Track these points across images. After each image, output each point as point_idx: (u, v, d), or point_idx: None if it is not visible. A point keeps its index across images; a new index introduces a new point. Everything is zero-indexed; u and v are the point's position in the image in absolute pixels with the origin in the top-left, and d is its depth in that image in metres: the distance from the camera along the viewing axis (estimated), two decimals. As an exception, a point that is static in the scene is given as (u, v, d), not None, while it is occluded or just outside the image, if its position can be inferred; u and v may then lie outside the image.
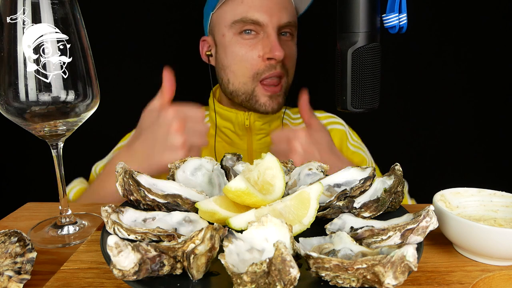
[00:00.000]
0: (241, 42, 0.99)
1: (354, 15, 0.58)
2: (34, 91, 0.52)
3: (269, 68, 0.99)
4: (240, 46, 0.99)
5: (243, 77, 1.00)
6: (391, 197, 0.56)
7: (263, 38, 0.99)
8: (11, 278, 0.45)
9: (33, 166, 1.30)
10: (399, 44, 1.12)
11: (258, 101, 1.01)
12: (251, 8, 0.97)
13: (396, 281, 0.37)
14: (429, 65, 1.26)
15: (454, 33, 1.24)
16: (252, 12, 0.97)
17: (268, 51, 0.97)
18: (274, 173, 0.58)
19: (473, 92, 1.27)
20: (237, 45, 1.00)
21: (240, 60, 1.00)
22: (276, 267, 0.36)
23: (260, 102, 1.01)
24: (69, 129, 0.57)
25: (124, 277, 0.39)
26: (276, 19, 0.98)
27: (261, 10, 0.97)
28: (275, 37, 0.97)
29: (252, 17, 0.97)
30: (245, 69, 1.00)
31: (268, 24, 0.97)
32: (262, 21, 0.97)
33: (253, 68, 0.99)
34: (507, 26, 1.21)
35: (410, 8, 0.59)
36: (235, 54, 1.00)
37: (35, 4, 0.51)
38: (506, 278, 0.43)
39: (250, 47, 0.99)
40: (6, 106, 0.53)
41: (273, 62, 0.98)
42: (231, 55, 1.01)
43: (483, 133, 1.29)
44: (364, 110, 0.61)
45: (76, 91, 0.55)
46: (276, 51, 0.96)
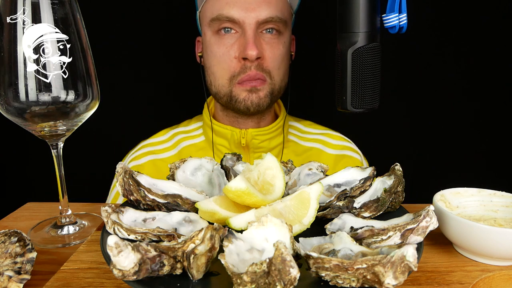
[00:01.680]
0: (219, 42, 0.92)
1: (354, 15, 0.58)
2: (34, 91, 0.52)
3: (244, 69, 0.91)
4: (218, 46, 0.92)
5: (221, 79, 0.93)
6: (391, 197, 0.56)
7: (240, 36, 0.91)
8: (11, 278, 0.45)
9: (33, 166, 1.30)
10: (399, 44, 1.12)
11: (238, 98, 0.93)
12: (227, 4, 0.90)
13: (396, 281, 0.37)
14: (429, 65, 1.26)
15: (454, 33, 1.24)
16: (228, 8, 0.89)
17: (243, 50, 0.89)
18: (274, 173, 0.58)
19: (473, 92, 1.27)
20: (215, 45, 0.93)
21: (218, 61, 0.93)
22: (276, 267, 0.36)
23: (240, 98, 0.92)
24: (69, 129, 0.57)
25: (124, 277, 0.39)
26: (253, 15, 0.89)
27: (237, 5, 0.89)
28: (250, 35, 0.89)
29: (227, 14, 0.89)
30: (222, 70, 0.93)
31: (244, 21, 0.89)
32: (238, 17, 0.89)
33: (230, 70, 0.92)
34: (507, 26, 1.21)
35: (410, 8, 0.59)
36: (213, 54, 0.93)
37: (35, 4, 0.51)
38: (506, 278, 0.43)
39: (227, 47, 0.91)
40: (6, 106, 0.53)
41: (247, 62, 0.90)
42: (210, 55, 0.94)
43: (483, 133, 1.29)
44: (364, 110, 0.61)
45: (76, 91, 0.55)
46: (248, 50, 0.87)
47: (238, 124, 1.00)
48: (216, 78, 0.95)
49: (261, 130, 0.98)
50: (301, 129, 1.09)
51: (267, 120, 1.03)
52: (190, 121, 1.09)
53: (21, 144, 1.27)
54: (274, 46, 0.93)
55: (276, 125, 1.00)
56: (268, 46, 0.92)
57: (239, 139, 0.97)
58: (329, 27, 0.82)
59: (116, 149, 1.10)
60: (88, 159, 1.25)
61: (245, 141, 0.97)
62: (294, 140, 1.06)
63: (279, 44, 0.94)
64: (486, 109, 1.28)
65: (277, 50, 0.93)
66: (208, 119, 1.01)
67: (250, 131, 0.97)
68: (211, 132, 1.00)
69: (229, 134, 0.98)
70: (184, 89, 1.28)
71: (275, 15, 0.91)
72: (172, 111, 1.29)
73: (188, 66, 1.16)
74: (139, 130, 1.12)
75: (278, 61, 0.94)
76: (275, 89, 0.95)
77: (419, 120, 1.30)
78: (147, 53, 1.26)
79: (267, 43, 0.92)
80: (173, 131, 1.07)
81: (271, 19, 0.90)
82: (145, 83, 1.28)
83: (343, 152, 1.05)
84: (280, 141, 1.02)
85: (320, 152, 1.04)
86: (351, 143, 1.09)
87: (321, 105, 1.25)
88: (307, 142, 1.06)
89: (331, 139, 1.07)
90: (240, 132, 0.97)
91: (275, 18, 0.91)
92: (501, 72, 1.24)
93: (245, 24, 0.89)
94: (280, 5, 0.93)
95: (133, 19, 1.23)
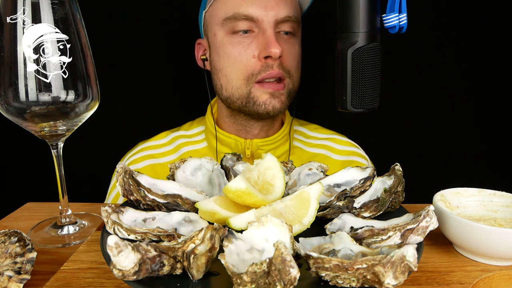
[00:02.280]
0: (234, 42, 0.88)
1: (354, 15, 0.58)
2: (34, 91, 0.52)
3: (265, 68, 0.87)
4: (233, 46, 0.88)
5: (236, 81, 0.88)
6: (391, 197, 0.56)
7: (258, 35, 0.87)
8: (11, 278, 0.45)
9: (33, 166, 1.30)
10: (399, 44, 1.12)
11: (257, 101, 0.88)
12: (244, 2, 0.86)
13: (396, 281, 0.37)
14: (429, 65, 1.26)
15: (454, 33, 1.24)
16: (245, 6, 0.86)
17: (263, 49, 0.86)
18: (274, 173, 0.58)
19: (473, 92, 1.27)
20: (229, 45, 0.88)
21: (233, 61, 0.88)
22: (276, 267, 0.36)
23: (260, 101, 0.88)
24: (69, 129, 0.57)
25: (124, 277, 0.39)
26: (272, 13, 0.86)
27: (255, 3, 0.86)
28: (271, 32, 0.86)
29: (245, 12, 0.86)
30: (238, 71, 0.88)
31: (263, 19, 0.86)
32: (256, 16, 0.85)
33: (247, 70, 0.87)
34: (507, 26, 1.21)
35: (410, 8, 0.59)
36: (227, 55, 0.89)
37: (35, 4, 0.51)
38: (506, 278, 0.43)
39: (244, 47, 0.87)
40: (6, 106, 0.53)
41: (270, 60, 0.86)
42: (223, 56, 0.89)
43: (483, 133, 1.29)
44: (364, 110, 0.61)
45: (76, 91, 0.55)
46: (271, 47, 0.84)
47: (244, 132, 0.97)
48: (229, 80, 0.90)
49: (266, 140, 0.95)
50: (307, 134, 1.07)
51: (275, 127, 1.00)
52: (192, 124, 1.05)
53: (21, 144, 1.27)
54: (291, 46, 0.91)
55: (281, 134, 0.98)
56: (286, 45, 0.89)
57: (243, 150, 0.95)
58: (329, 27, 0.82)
59: (116, 149, 1.10)
60: (88, 159, 1.25)
61: (250, 152, 0.95)
62: (299, 146, 1.03)
63: (295, 44, 0.92)
64: (486, 109, 1.28)
65: (294, 50, 0.92)
66: (211, 127, 0.97)
67: (255, 142, 0.95)
68: (214, 140, 0.97)
69: (233, 144, 0.95)
70: (184, 89, 1.28)
71: (292, 14, 0.89)
72: (172, 111, 1.29)
73: (188, 66, 1.16)
74: (139, 130, 1.12)
75: (296, 61, 0.92)
76: (293, 90, 0.93)
77: (419, 120, 1.30)
78: (147, 53, 1.26)
79: (284, 42, 0.89)
80: (174, 134, 1.04)
81: (288, 18, 0.88)
82: (145, 83, 1.28)
83: (350, 158, 1.02)
84: (286, 148, 1.00)
85: (326, 158, 1.01)
86: (359, 148, 1.06)
87: (321, 105, 1.25)
88: (312, 148, 1.03)
89: (338, 144, 1.04)
90: (245, 142, 0.95)
91: (292, 17, 0.89)
92: (501, 72, 1.24)
93: (264, 23, 0.86)
94: (295, 5, 0.92)
95: (133, 19, 1.23)
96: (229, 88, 0.90)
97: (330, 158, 1.02)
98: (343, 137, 1.07)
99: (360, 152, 1.05)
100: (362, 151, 1.06)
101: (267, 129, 0.98)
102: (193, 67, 1.08)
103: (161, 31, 1.26)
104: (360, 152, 1.05)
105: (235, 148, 0.96)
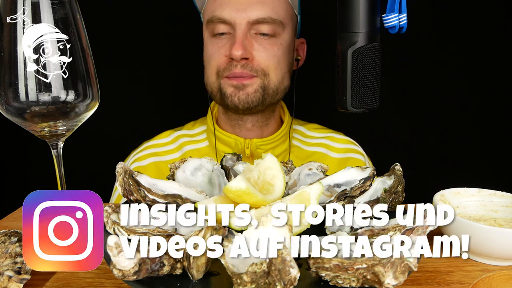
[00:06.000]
0: (213, 42, 0.94)
1: (354, 15, 0.58)
2: (34, 91, 0.52)
3: (229, 66, 0.91)
4: (212, 46, 0.94)
5: (211, 76, 0.94)
6: (391, 197, 0.56)
7: (232, 37, 0.91)
8: (11, 278, 0.45)
9: (33, 166, 1.30)
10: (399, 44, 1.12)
11: (225, 93, 0.92)
12: (220, 5, 0.90)
13: (396, 281, 0.37)
14: (429, 65, 1.26)
15: (454, 33, 1.24)
16: (220, 9, 0.90)
17: (228, 49, 0.90)
18: (274, 173, 0.58)
19: (473, 92, 1.27)
20: (209, 46, 0.94)
21: (209, 60, 0.94)
22: (276, 267, 0.36)
23: (227, 93, 0.92)
24: (69, 129, 0.57)
25: (124, 277, 0.39)
26: (243, 15, 0.89)
27: (229, 6, 0.89)
28: (239, 35, 0.89)
29: (220, 15, 0.90)
30: (212, 68, 0.94)
31: (235, 21, 0.89)
32: (229, 18, 0.89)
33: (218, 66, 0.92)
34: (507, 26, 1.21)
35: (410, 8, 0.59)
36: (208, 55, 0.95)
37: (35, 4, 0.51)
38: (506, 278, 0.43)
39: (219, 47, 0.92)
40: (6, 106, 0.53)
41: (234, 61, 0.90)
42: (206, 55, 0.96)
43: (483, 133, 1.29)
44: (364, 110, 0.61)
45: (76, 91, 0.55)
46: (233, 49, 0.87)
47: (240, 131, 0.99)
48: (207, 76, 0.96)
49: (265, 140, 0.97)
50: (305, 134, 1.08)
51: (272, 127, 1.01)
52: (195, 124, 1.07)
53: (21, 144, 1.27)
54: (268, 47, 0.91)
55: (280, 133, 0.99)
56: (261, 47, 0.90)
57: (243, 149, 0.97)
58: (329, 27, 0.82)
59: (116, 149, 1.10)
60: (88, 159, 1.25)
61: (249, 151, 0.97)
62: (297, 145, 1.05)
63: (274, 45, 0.92)
64: (486, 109, 1.28)
65: (271, 51, 0.91)
66: (211, 126, 1.00)
67: (254, 141, 0.96)
68: (212, 136, 0.99)
69: (233, 143, 0.97)
70: (185, 89, 1.28)
71: (267, 15, 0.89)
72: (172, 111, 1.29)
73: (188, 66, 1.16)
74: (139, 130, 1.12)
75: (274, 62, 0.92)
76: (270, 87, 0.93)
77: (419, 120, 1.31)
78: (147, 53, 1.26)
79: (259, 44, 0.90)
80: (177, 133, 1.06)
81: (263, 19, 0.89)
82: (145, 83, 1.28)
83: (347, 155, 1.04)
84: (285, 147, 1.01)
85: (323, 156, 1.03)
86: (356, 145, 1.07)
87: (321, 105, 1.25)
88: (310, 146, 1.05)
89: (335, 142, 1.05)
90: (244, 142, 0.96)
91: (267, 18, 0.89)
92: (501, 72, 1.24)
93: (236, 25, 0.89)
94: (277, 5, 0.91)
95: (133, 19, 1.23)
96: (209, 83, 0.96)
97: (328, 156, 1.03)
98: (341, 134, 1.08)
99: (357, 149, 1.06)
100: (360, 147, 1.08)
101: (261, 125, 0.99)
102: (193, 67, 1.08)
103: (162, 31, 1.26)
104: (357, 149, 1.06)
105: (235, 148, 0.97)
